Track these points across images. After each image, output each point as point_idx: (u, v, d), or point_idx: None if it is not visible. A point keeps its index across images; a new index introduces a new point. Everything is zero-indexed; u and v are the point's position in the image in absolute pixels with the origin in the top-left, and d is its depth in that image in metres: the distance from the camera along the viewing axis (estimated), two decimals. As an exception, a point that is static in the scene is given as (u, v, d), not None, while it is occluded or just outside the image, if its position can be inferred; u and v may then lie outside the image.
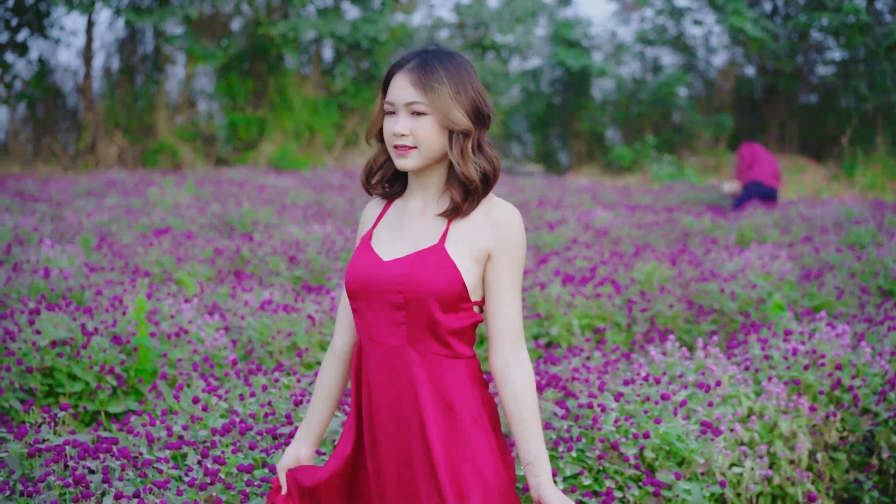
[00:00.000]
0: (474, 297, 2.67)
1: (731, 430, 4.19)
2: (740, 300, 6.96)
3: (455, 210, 2.66)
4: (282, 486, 2.86)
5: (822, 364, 4.73)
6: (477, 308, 2.71)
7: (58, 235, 9.49)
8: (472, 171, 2.64)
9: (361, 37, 21.06)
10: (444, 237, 2.65)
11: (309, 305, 6.21)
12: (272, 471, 3.36)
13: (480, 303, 2.71)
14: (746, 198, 13.18)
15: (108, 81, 21.84)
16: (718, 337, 5.43)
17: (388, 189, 2.83)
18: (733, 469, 4.08)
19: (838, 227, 11.01)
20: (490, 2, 23.20)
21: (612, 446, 3.70)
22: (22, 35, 20.43)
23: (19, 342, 4.98)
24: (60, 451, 3.28)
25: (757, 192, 13.18)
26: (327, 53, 23.22)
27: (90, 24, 20.80)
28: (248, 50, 21.95)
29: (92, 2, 19.13)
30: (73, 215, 10.89)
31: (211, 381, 4.44)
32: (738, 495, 4.13)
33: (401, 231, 2.73)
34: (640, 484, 3.70)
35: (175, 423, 3.83)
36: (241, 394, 4.09)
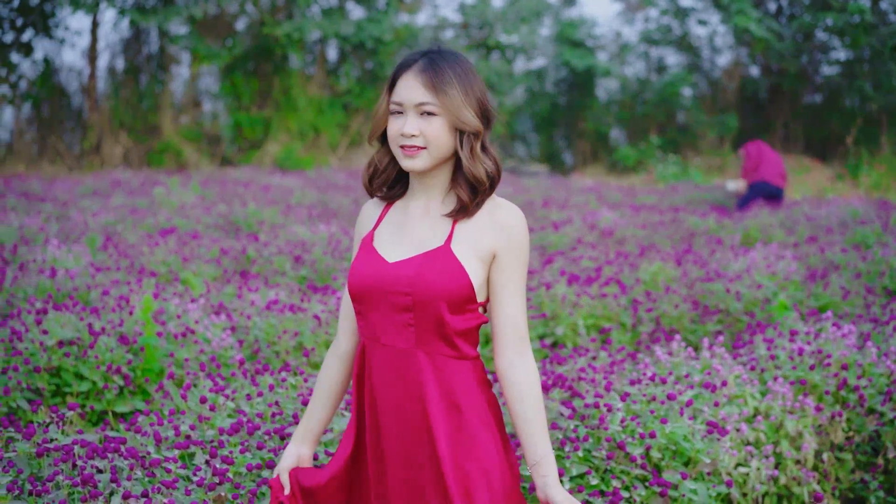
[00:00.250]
0: (480, 297, 2.67)
1: (737, 430, 4.19)
2: (746, 300, 6.95)
3: (462, 210, 2.66)
4: (284, 486, 2.87)
5: (828, 364, 4.73)
6: (482, 309, 2.71)
7: (63, 235, 9.50)
8: (482, 172, 2.64)
9: (366, 37, 21.07)
10: (449, 238, 2.64)
11: (315, 305, 6.21)
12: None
13: (485, 304, 2.71)
14: (752, 197, 13.15)
15: (112, 81, 21.88)
16: (724, 337, 5.43)
17: (390, 191, 2.82)
18: (739, 469, 4.08)
19: (843, 227, 11.00)
20: (495, 2, 23.20)
21: (618, 446, 3.70)
22: (27, 35, 20.48)
23: (26, 342, 4.99)
24: (69, 451, 3.29)
25: (763, 192, 13.15)
26: (332, 53, 23.25)
27: (95, 24, 20.83)
28: (252, 50, 21.97)
29: (97, 2, 19.15)
30: (78, 215, 10.90)
31: (218, 380, 4.44)
32: (744, 495, 4.13)
33: (404, 232, 2.72)
34: (647, 484, 3.70)
35: (183, 422, 3.83)
36: (249, 393, 4.10)
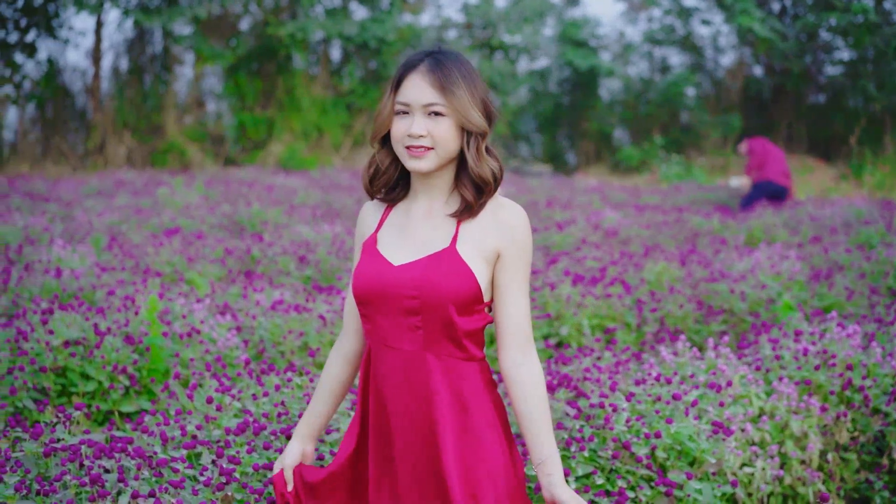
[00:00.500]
0: (486, 297, 2.68)
1: (743, 430, 4.20)
2: (750, 300, 6.96)
3: (467, 210, 2.66)
4: (287, 482, 2.89)
5: (833, 364, 4.74)
6: (487, 309, 2.72)
7: (68, 235, 9.52)
8: (487, 172, 2.65)
9: (369, 37, 21.08)
10: (454, 239, 2.64)
11: (320, 305, 6.22)
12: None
13: (490, 304, 2.72)
14: (756, 197, 13.13)
15: (116, 81, 21.89)
16: (728, 337, 5.44)
17: (390, 192, 2.80)
18: (744, 469, 4.08)
19: (847, 227, 11.00)
20: (498, 2, 23.22)
21: (623, 446, 3.71)
22: (31, 35, 20.49)
23: (32, 342, 5.00)
24: (76, 451, 3.30)
25: (767, 192, 13.14)
26: (335, 54, 23.26)
27: (99, 25, 20.85)
28: (256, 50, 21.99)
29: (101, 2, 19.18)
30: (83, 215, 10.92)
31: (224, 380, 4.45)
32: (750, 495, 4.13)
33: (407, 234, 2.72)
34: (652, 484, 3.71)
35: (189, 422, 3.84)
36: (254, 393, 4.10)
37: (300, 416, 3.82)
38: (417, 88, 2.62)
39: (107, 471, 3.27)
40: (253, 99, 22.10)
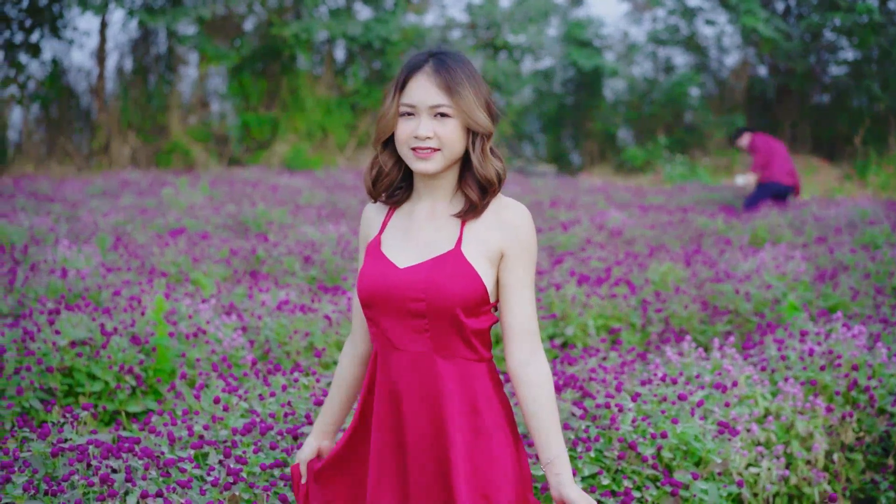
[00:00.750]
0: (492, 298, 2.67)
1: (748, 431, 4.20)
2: (755, 301, 6.96)
3: (472, 209, 2.65)
4: (302, 475, 2.94)
5: (839, 365, 4.74)
6: (493, 309, 2.71)
7: (74, 236, 9.53)
8: (492, 172, 2.65)
9: (374, 37, 21.09)
10: (459, 241, 2.63)
11: (325, 306, 6.23)
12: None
13: (496, 304, 2.71)
14: (761, 197, 13.10)
15: (121, 82, 21.92)
16: (734, 337, 5.44)
17: (393, 194, 2.78)
18: (750, 469, 4.09)
19: (852, 227, 10.99)
20: (502, 2, 23.22)
21: (629, 446, 3.72)
22: (35, 36, 20.52)
23: (39, 342, 5.01)
24: (83, 451, 3.31)
25: (772, 192, 13.11)
26: (339, 54, 23.27)
27: (103, 25, 20.88)
28: (260, 50, 22.01)
29: (105, 3, 19.20)
30: (88, 215, 10.94)
31: (230, 381, 4.46)
32: (755, 495, 4.14)
33: (411, 237, 2.70)
34: (658, 484, 3.71)
35: (196, 422, 3.85)
36: (261, 394, 4.11)
37: (307, 416, 3.84)
38: (423, 90, 2.61)
39: (114, 471, 3.29)
40: (257, 99, 22.12)
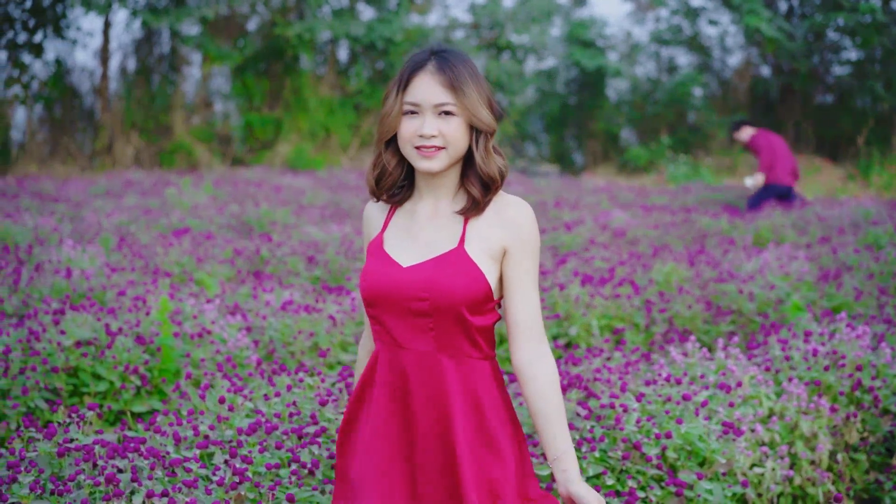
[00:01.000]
0: (496, 295, 2.67)
1: (753, 431, 4.21)
2: (759, 301, 6.96)
3: (474, 207, 2.66)
4: None
5: (843, 365, 4.74)
6: (497, 307, 2.72)
7: (78, 236, 9.54)
8: (495, 169, 2.65)
9: (377, 37, 21.09)
10: (462, 239, 2.63)
11: (330, 306, 6.24)
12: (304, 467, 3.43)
13: (499, 301, 2.72)
14: (765, 197, 13.06)
15: (124, 82, 21.93)
16: (738, 338, 5.44)
17: (395, 193, 2.78)
18: (754, 469, 4.09)
19: (856, 227, 10.98)
20: (505, 2, 23.20)
21: (634, 446, 3.72)
22: (39, 36, 20.53)
23: (44, 342, 5.02)
24: (89, 451, 3.32)
25: (775, 193, 13.09)
26: (343, 54, 23.28)
27: (107, 25, 20.89)
28: (263, 50, 22.02)
29: (109, 3, 19.20)
30: (92, 215, 10.95)
31: (235, 381, 4.47)
32: (760, 495, 4.14)
33: (414, 235, 2.70)
34: (663, 484, 3.72)
35: (201, 422, 3.86)
36: (266, 394, 4.12)
37: (312, 416, 3.84)
38: (427, 88, 2.61)
39: (120, 471, 3.30)
40: (260, 99, 22.14)
